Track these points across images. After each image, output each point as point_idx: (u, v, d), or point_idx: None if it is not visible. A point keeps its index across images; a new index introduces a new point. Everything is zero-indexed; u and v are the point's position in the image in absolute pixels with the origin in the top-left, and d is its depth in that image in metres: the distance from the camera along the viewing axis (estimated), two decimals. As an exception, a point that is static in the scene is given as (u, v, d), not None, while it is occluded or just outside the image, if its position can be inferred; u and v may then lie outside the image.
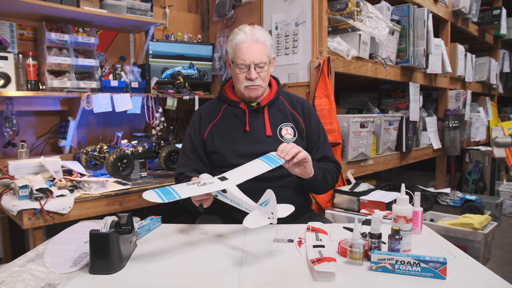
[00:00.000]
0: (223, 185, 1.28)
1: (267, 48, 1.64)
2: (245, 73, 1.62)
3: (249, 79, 1.61)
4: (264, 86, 1.67)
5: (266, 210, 1.15)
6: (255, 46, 1.60)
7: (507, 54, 5.18)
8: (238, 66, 1.62)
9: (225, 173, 1.36)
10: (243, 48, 1.60)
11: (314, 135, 1.72)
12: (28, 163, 1.90)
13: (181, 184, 1.26)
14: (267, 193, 1.14)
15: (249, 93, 1.64)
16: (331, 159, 1.72)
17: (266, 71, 1.63)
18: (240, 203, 1.27)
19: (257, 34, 1.62)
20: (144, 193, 1.16)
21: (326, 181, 1.62)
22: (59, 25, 2.30)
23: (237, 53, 1.62)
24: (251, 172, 1.34)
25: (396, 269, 1.05)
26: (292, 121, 1.69)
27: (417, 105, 3.18)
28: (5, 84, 2.02)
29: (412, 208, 1.26)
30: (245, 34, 1.62)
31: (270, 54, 1.66)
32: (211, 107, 1.76)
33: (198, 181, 1.27)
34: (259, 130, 1.65)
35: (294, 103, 1.75)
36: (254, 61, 1.59)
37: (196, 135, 1.70)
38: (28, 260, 1.16)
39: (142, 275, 1.06)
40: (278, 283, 1.01)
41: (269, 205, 1.14)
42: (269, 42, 1.66)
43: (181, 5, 3.09)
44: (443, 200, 3.10)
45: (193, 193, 1.23)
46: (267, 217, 1.14)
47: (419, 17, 2.99)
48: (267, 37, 1.66)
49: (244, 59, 1.60)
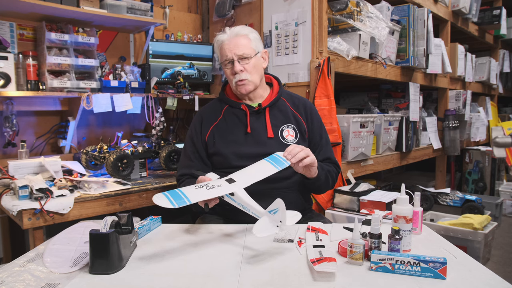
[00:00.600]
0: (231, 188, 1.29)
1: (250, 41, 1.64)
2: (230, 69, 1.63)
3: (235, 74, 1.62)
4: (253, 80, 1.64)
5: (275, 218, 1.15)
6: (236, 40, 1.62)
7: (507, 54, 5.18)
8: (224, 63, 1.65)
9: (232, 174, 1.35)
10: (225, 46, 1.63)
11: (317, 136, 1.72)
12: (28, 163, 1.90)
13: (190, 187, 1.26)
14: (277, 202, 1.14)
15: (240, 89, 1.64)
16: (332, 160, 1.73)
17: (252, 63, 1.62)
18: (248, 208, 1.27)
19: (236, 29, 1.65)
20: (154, 197, 1.15)
21: (327, 182, 1.64)
22: (59, 25, 2.30)
23: (221, 52, 1.65)
24: (259, 175, 1.34)
25: (396, 269, 1.05)
26: (293, 122, 1.69)
27: (417, 105, 3.18)
28: (5, 84, 2.02)
29: (412, 208, 1.25)
30: (226, 33, 1.66)
31: (256, 47, 1.65)
32: (212, 108, 1.75)
33: (206, 184, 1.27)
34: (261, 131, 1.65)
35: (297, 104, 1.74)
36: (236, 53, 1.60)
37: (198, 136, 1.70)
38: (28, 260, 1.16)
39: (142, 275, 1.06)
40: (278, 283, 1.01)
41: (278, 214, 1.14)
42: (252, 35, 1.66)
43: (181, 5, 3.09)
44: (443, 200, 3.10)
45: (203, 197, 1.23)
46: (275, 225, 1.15)
47: (419, 17, 2.99)
48: (249, 30, 1.67)
49: (226, 55, 1.62)
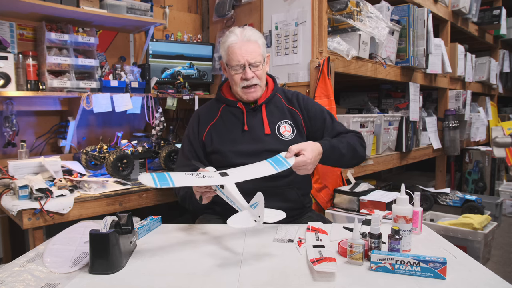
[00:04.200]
0: (221, 181, 1.28)
1: (260, 47, 1.63)
2: (240, 74, 1.61)
3: (245, 79, 1.61)
4: (262, 86, 1.66)
5: (254, 212, 1.15)
6: (247, 46, 1.60)
7: (507, 54, 5.18)
8: (233, 68, 1.61)
9: (229, 169, 1.35)
10: (236, 49, 1.60)
11: (318, 121, 1.71)
12: (28, 163, 1.90)
13: (180, 172, 1.27)
14: (257, 195, 1.14)
15: (247, 96, 1.65)
16: (345, 132, 1.69)
17: (261, 69, 1.63)
18: (234, 201, 1.27)
19: (248, 34, 1.62)
20: (140, 176, 1.20)
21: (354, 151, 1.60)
22: (59, 25, 2.30)
23: (230, 55, 1.61)
24: (254, 173, 1.34)
25: (396, 269, 1.05)
26: (290, 118, 1.69)
27: (417, 105, 3.18)
28: (5, 84, 2.02)
29: (412, 208, 1.26)
30: (236, 35, 1.62)
31: (264, 53, 1.66)
32: (209, 108, 1.76)
33: (198, 173, 1.28)
34: (258, 128, 1.65)
35: (290, 98, 1.75)
36: (248, 61, 1.59)
37: (195, 136, 1.70)
38: (28, 260, 1.16)
39: (142, 275, 1.06)
40: (278, 283, 1.01)
41: (258, 208, 1.13)
42: (261, 40, 1.66)
43: (181, 5, 3.09)
44: (443, 200, 3.10)
45: (189, 183, 1.23)
46: (253, 220, 1.14)
47: (419, 17, 2.99)
48: (258, 35, 1.66)
49: (238, 60, 1.59)
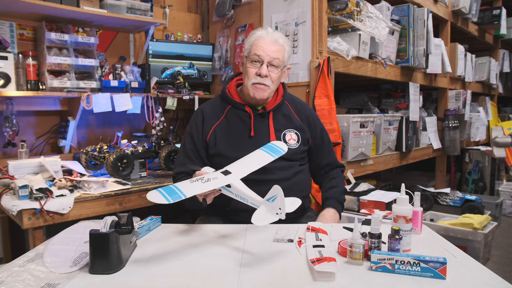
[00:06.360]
0: (227, 180, 1.26)
1: (285, 52, 1.62)
2: (256, 69, 1.59)
3: (258, 75, 1.58)
4: (272, 89, 1.63)
5: (273, 205, 1.13)
6: (273, 45, 1.59)
7: (507, 54, 5.18)
8: (251, 59, 1.59)
9: (228, 166, 1.34)
10: (261, 43, 1.59)
11: (319, 141, 1.73)
12: (28, 163, 1.89)
13: (185, 181, 1.23)
14: (274, 188, 1.12)
15: (255, 92, 1.60)
16: (335, 165, 1.78)
17: (277, 74, 1.61)
18: (246, 198, 1.25)
19: (277, 35, 1.62)
20: (148, 194, 1.12)
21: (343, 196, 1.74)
22: (59, 25, 2.30)
23: (253, 47, 1.60)
24: (255, 165, 1.32)
25: (396, 269, 1.05)
26: (296, 127, 1.68)
27: (417, 105, 3.18)
28: (5, 84, 2.02)
29: (412, 208, 1.26)
30: (267, 32, 1.62)
31: (286, 61, 1.64)
32: (214, 107, 1.71)
33: (202, 177, 1.25)
34: (264, 135, 1.62)
35: (300, 110, 1.73)
36: (270, 56, 1.57)
37: (199, 135, 1.65)
38: (28, 260, 1.16)
39: (142, 275, 1.06)
40: (278, 283, 1.01)
41: (277, 201, 1.12)
42: (288, 48, 1.65)
43: (181, 5, 3.09)
44: (443, 200, 3.10)
45: (199, 190, 1.20)
46: (275, 213, 1.12)
47: (419, 17, 2.99)
48: (287, 43, 1.65)
49: (259, 54, 1.57)
